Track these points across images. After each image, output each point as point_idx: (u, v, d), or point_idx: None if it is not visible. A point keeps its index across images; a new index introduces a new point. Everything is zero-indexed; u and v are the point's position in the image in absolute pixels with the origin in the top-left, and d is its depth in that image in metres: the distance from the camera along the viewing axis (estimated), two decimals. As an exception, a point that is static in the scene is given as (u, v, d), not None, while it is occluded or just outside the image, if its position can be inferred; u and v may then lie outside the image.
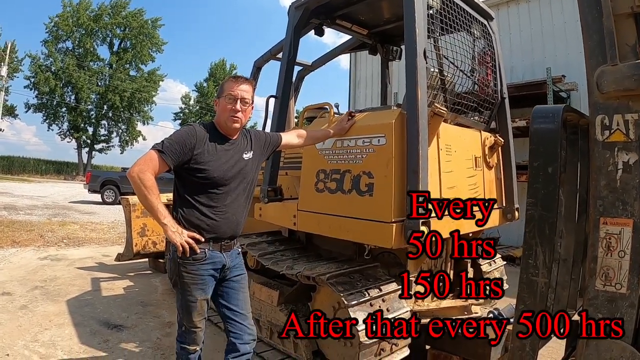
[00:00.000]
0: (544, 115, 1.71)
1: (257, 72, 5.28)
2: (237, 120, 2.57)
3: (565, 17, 9.62)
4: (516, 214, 4.08)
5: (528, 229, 1.69)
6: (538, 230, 1.66)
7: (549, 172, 1.64)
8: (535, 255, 1.66)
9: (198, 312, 2.56)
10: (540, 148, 1.68)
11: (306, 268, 3.19)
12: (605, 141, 1.56)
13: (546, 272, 1.65)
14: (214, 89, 50.34)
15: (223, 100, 2.58)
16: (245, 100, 2.58)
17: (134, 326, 4.50)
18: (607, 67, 1.53)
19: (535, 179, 1.67)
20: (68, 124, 41.36)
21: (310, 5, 3.80)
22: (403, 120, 2.86)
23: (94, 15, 40.58)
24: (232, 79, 2.63)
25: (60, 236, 9.80)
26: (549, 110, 1.74)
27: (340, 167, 3.14)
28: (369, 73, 13.79)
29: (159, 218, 2.36)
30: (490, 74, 4.00)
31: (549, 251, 1.64)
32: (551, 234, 1.64)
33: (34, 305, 5.01)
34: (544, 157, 1.66)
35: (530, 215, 1.69)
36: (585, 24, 1.59)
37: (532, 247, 1.67)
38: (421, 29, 2.92)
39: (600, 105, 1.56)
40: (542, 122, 1.71)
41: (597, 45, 1.55)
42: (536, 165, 1.67)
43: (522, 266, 1.76)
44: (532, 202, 1.67)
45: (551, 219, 1.64)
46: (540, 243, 1.65)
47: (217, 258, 2.55)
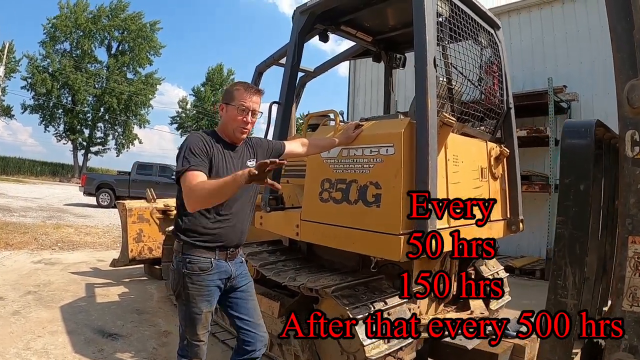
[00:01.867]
0: (576, 131, 1.64)
1: (259, 78, 5.20)
2: (246, 131, 2.53)
3: (566, 28, 9.62)
4: (521, 226, 4.01)
5: (557, 248, 1.61)
6: (568, 250, 1.58)
7: (580, 189, 1.57)
8: (564, 276, 1.58)
9: (202, 325, 2.47)
10: (572, 164, 1.61)
11: (309, 280, 3.10)
12: (635, 157, 1.49)
13: (576, 293, 1.58)
14: (211, 94, 50.38)
15: (234, 109, 2.49)
16: (255, 113, 2.53)
17: (130, 335, 4.39)
18: (637, 81, 1.46)
19: (566, 196, 1.59)
20: (64, 125, 41.21)
21: (316, 11, 3.73)
22: (412, 130, 2.78)
23: (92, 17, 40.49)
24: (243, 88, 2.54)
25: (55, 239, 9.68)
26: (580, 125, 1.67)
27: (346, 176, 3.06)
28: (368, 80, 13.73)
29: (225, 183, 2.09)
30: (497, 84, 3.94)
31: (579, 271, 1.56)
32: (582, 253, 1.56)
33: (27, 311, 4.90)
34: (576, 174, 1.59)
35: (559, 234, 1.61)
36: (615, 36, 1.52)
37: (562, 268, 1.59)
38: (431, 37, 2.85)
39: (630, 121, 1.49)
40: (574, 138, 1.63)
41: (628, 59, 1.48)
42: (567, 182, 1.60)
43: (550, 286, 1.68)
44: (562, 220, 1.60)
45: (582, 238, 1.56)
46: (570, 263, 1.57)
47: (223, 267, 2.48)
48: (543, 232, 8.99)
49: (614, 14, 1.56)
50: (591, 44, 9.23)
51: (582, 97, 9.17)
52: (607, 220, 1.99)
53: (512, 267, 8.40)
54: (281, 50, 4.72)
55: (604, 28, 8.79)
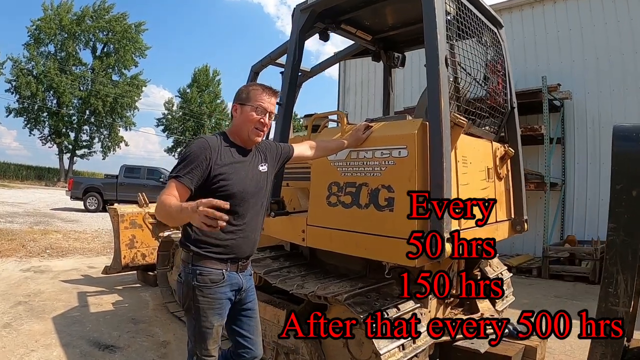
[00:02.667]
0: (627, 135, 1.56)
1: (255, 78, 5.09)
2: (262, 133, 2.42)
3: (558, 26, 9.64)
4: (525, 226, 3.99)
5: (609, 255, 1.53)
6: (620, 257, 1.51)
7: (632, 195, 1.49)
8: (616, 284, 1.51)
9: (213, 339, 2.34)
10: (623, 170, 1.53)
11: (318, 287, 3.00)
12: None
13: (627, 300, 1.50)
14: (197, 95, 50.03)
15: (251, 110, 2.37)
16: (272, 114, 2.43)
17: (127, 346, 4.24)
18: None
19: (617, 202, 1.52)
20: (49, 129, 40.61)
21: (317, 8, 3.64)
22: (425, 131, 2.70)
23: (76, 18, 40.00)
24: (261, 88, 2.43)
25: (43, 246, 9.48)
26: (631, 129, 1.59)
27: (355, 179, 2.96)
28: (358, 80, 13.68)
29: (176, 210, 1.98)
30: (501, 83, 3.89)
31: (630, 279, 1.49)
32: (634, 261, 1.49)
33: (19, 324, 4.73)
34: (628, 180, 1.51)
35: (611, 241, 1.53)
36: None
37: (613, 275, 1.52)
38: (442, 36, 2.77)
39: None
40: (627, 142, 1.56)
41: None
42: (619, 188, 1.52)
43: (601, 295, 1.60)
44: (614, 227, 1.52)
45: (634, 245, 1.49)
46: (622, 271, 1.50)
47: (234, 279, 2.37)
48: (538, 230, 9.00)
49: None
50: (583, 42, 9.27)
51: (575, 95, 9.20)
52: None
53: (509, 265, 8.32)
54: (278, 49, 4.63)
55: (596, 26, 8.88)
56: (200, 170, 2.20)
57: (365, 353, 2.87)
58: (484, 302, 3.91)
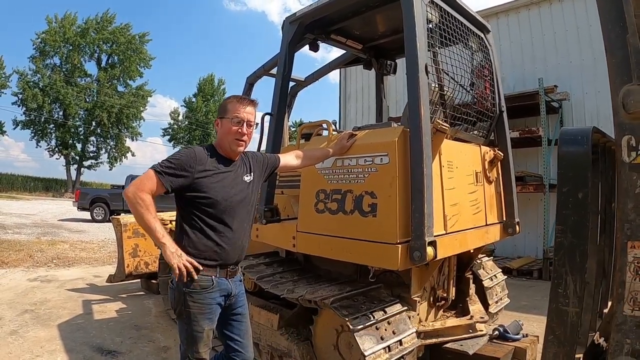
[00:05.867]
0: (573, 139, 1.63)
1: (250, 89, 5.19)
2: (242, 143, 2.51)
3: (555, 28, 9.69)
4: (517, 228, 4.01)
5: (557, 257, 1.60)
6: (568, 259, 1.57)
7: (579, 197, 1.56)
8: (565, 284, 1.57)
9: (204, 343, 2.44)
10: (569, 173, 1.60)
11: (307, 291, 3.09)
12: (632, 163, 1.48)
13: (577, 301, 1.57)
14: (203, 104, 50.24)
15: (228, 122, 2.49)
16: (250, 123, 2.53)
17: (129, 352, 4.34)
18: (632, 86, 1.45)
19: (564, 205, 1.59)
20: (56, 140, 40.98)
21: (305, 20, 3.73)
22: (406, 138, 2.78)
23: (80, 30, 40.36)
24: (236, 100, 2.55)
25: (50, 256, 9.61)
26: (577, 132, 1.66)
27: (341, 187, 3.05)
28: (359, 87, 13.76)
29: (157, 237, 2.26)
30: (489, 87, 3.95)
31: (579, 279, 1.56)
32: (582, 262, 1.55)
33: (25, 331, 4.85)
34: (574, 182, 1.58)
35: (559, 242, 1.60)
36: (609, 42, 1.51)
37: (562, 276, 1.58)
38: (422, 44, 2.85)
39: (627, 126, 1.48)
40: (571, 146, 1.63)
41: (622, 63, 1.47)
42: (565, 191, 1.59)
43: (551, 295, 1.67)
44: (561, 229, 1.59)
45: (582, 247, 1.56)
46: (571, 271, 1.56)
47: (224, 285, 2.47)
48: (539, 232, 9.01)
49: (607, 19, 1.55)
50: (580, 43, 9.30)
51: (573, 96, 9.23)
52: (605, 223, 1.99)
53: (510, 268, 8.41)
54: (271, 60, 4.71)
55: (592, 27, 8.89)
56: (181, 176, 2.32)
57: (354, 355, 2.93)
58: (476, 304, 3.96)
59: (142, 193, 2.25)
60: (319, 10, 3.62)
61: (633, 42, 1.43)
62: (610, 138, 1.83)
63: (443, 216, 3.00)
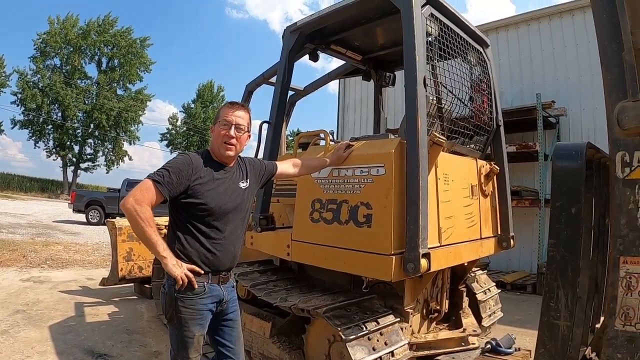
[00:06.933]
0: (568, 154, 1.65)
1: (249, 96, 5.21)
2: (231, 147, 2.49)
3: (554, 44, 9.77)
4: (512, 242, 4.02)
5: (550, 270, 1.62)
6: (560, 273, 1.59)
7: (572, 212, 1.58)
8: (557, 298, 1.58)
9: (195, 349, 2.43)
10: (563, 187, 1.62)
11: (301, 300, 3.09)
12: (625, 178, 1.50)
13: (568, 314, 1.58)
14: (202, 110, 50.25)
15: (218, 127, 2.50)
16: (240, 127, 2.51)
17: (120, 355, 4.32)
18: (627, 102, 1.47)
19: (557, 219, 1.60)
20: (54, 141, 40.90)
21: (305, 30, 3.76)
22: (403, 150, 2.80)
23: (82, 32, 40.40)
24: (227, 105, 2.56)
25: (44, 257, 9.55)
26: (571, 148, 1.68)
27: (336, 197, 3.06)
28: (357, 98, 13.82)
29: (159, 251, 2.28)
30: (486, 102, 3.97)
31: (571, 293, 1.57)
32: (574, 276, 1.57)
33: (16, 331, 4.82)
34: (567, 197, 1.59)
35: (551, 257, 1.62)
36: (605, 58, 1.53)
37: (554, 290, 1.59)
38: (421, 57, 2.88)
39: (621, 142, 1.50)
40: (565, 161, 1.65)
41: (617, 80, 1.49)
42: (559, 205, 1.61)
43: (542, 309, 1.68)
44: (554, 243, 1.60)
45: (574, 261, 1.57)
46: (562, 285, 1.57)
47: (215, 291, 2.46)
48: (534, 246, 9.02)
49: (603, 36, 1.57)
50: (579, 59, 9.36)
51: (570, 111, 9.29)
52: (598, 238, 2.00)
53: (504, 282, 8.40)
54: (271, 69, 4.73)
55: (590, 43, 8.95)
56: (179, 183, 2.32)
57: (346, 366, 2.93)
58: (468, 317, 3.96)
59: (141, 206, 2.23)
60: (320, 21, 3.65)
61: (629, 59, 1.45)
62: (604, 154, 1.85)
63: (438, 228, 3.01)
